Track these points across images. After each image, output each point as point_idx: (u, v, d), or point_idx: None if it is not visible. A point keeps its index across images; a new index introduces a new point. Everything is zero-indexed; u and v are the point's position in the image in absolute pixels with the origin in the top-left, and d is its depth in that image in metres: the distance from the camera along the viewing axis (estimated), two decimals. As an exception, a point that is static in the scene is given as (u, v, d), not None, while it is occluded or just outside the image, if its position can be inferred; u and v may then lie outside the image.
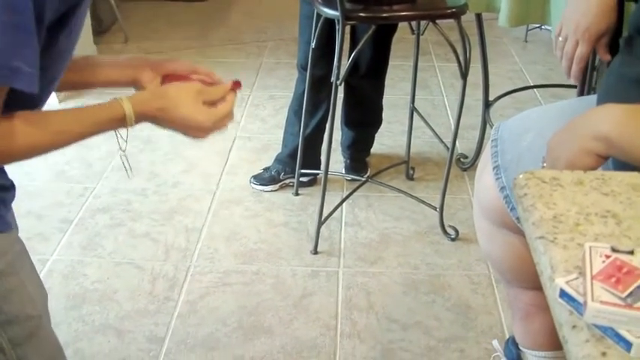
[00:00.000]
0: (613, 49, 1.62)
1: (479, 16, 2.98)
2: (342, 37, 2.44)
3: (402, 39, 3.04)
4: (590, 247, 0.82)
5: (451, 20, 2.45)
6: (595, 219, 0.93)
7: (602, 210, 0.95)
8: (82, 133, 1.17)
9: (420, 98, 3.69)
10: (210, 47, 4.75)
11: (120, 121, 1.19)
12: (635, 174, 1.03)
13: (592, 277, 0.77)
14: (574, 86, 2.51)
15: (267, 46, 4.76)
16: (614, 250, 0.81)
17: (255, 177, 3.14)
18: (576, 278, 0.79)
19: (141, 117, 1.20)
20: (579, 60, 1.63)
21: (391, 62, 3.06)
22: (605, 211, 0.94)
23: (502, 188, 1.52)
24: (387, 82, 3.14)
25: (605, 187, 1.00)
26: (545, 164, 1.21)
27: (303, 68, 2.89)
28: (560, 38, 1.67)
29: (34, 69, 1.04)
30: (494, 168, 1.54)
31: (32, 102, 1.14)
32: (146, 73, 1.35)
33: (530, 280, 1.61)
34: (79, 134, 1.16)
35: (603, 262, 0.79)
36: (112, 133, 1.23)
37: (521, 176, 1.03)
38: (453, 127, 2.81)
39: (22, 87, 1.03)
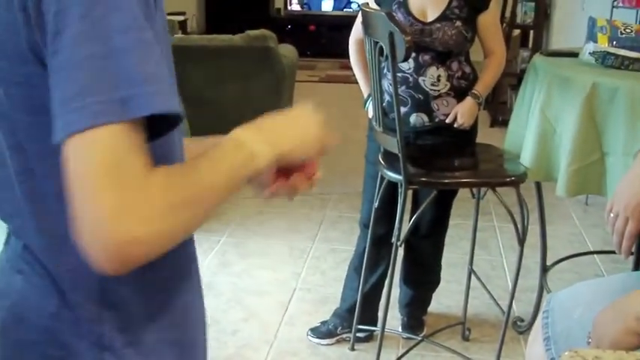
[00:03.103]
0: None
1: (538, 183, 3.07)
2: (404, 200, 2.55)
3: (463, 198, 3.13)
4: None
5: (511, 187, 2.56)
6: (634, 401, 0.98)
7: (642, 392, 0.99)
8: (226, 188, 0.99)
9: (480, 258, 3.75)
10: (275, 198, 4.90)
11: (251, 166, 1.02)
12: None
13: None
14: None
15: (330, 199, 4.90)
16: None
17: (312, 329, 3.19)
18: None
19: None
20: (629, 237, 1.69)
21: (451, 221, 3.15)
22: (645, 394, 0.99)
23: (552, 360, 1.57)
24: (447, 240, 3.22)
25: (645, 370, 1.05)
26: (590, 340, 1.26)
27: (365, 226, 3.00)
28: (612, 215, 1.74)
29: (159, 84, 0.89)
30: (544, 339, 1.59)
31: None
32: None
33: None
34: (223, 189, 0.99)
35: None
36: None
37: (566, 354, 1.09)
38: (510, 290, 2.85)
39: (147, 111, 0.86)
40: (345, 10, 10.23)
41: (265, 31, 5.78)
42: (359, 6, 2.80)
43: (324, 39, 9.89)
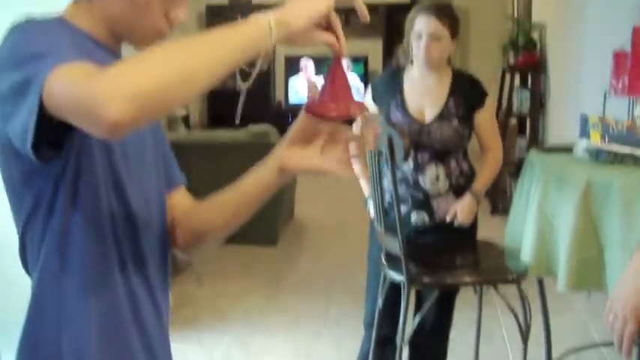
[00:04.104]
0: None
1: (540, 279, 3.09)
2: (407, 301, 2.58)
3: (466, 290, 3.14)
4: None
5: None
6: None
7: None
8: (222, 53, 1.05)
9: (484, 351, 3.73)
10: (279, 293, 4.91)
11: (261, 37, 1.09)
12: None
13: None
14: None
15: (334, 296, 4.88)
16: None
17: None
18: None
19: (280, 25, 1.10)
20: (629, 338, 1.71)
21: (455, 313, 3.15)
22: None
23: None
24: (451, 334, 3.21)
25: None
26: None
27: (369, 326, 3.01)
28: (611, 316, 1.77)
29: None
30: None
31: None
32: (289, 149, 1.28)
33: None
34: (217, 53, 1.04)
35: None
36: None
37: None
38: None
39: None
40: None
41: (266, 127, 5.88)
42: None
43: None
